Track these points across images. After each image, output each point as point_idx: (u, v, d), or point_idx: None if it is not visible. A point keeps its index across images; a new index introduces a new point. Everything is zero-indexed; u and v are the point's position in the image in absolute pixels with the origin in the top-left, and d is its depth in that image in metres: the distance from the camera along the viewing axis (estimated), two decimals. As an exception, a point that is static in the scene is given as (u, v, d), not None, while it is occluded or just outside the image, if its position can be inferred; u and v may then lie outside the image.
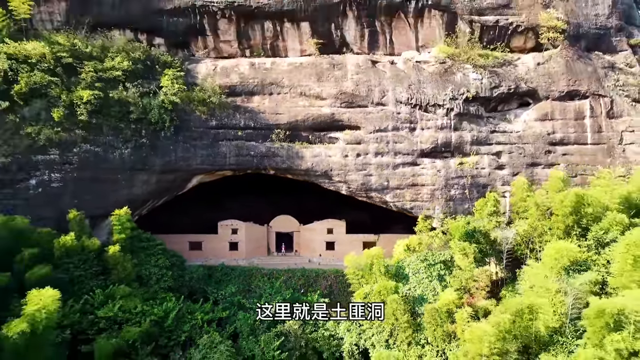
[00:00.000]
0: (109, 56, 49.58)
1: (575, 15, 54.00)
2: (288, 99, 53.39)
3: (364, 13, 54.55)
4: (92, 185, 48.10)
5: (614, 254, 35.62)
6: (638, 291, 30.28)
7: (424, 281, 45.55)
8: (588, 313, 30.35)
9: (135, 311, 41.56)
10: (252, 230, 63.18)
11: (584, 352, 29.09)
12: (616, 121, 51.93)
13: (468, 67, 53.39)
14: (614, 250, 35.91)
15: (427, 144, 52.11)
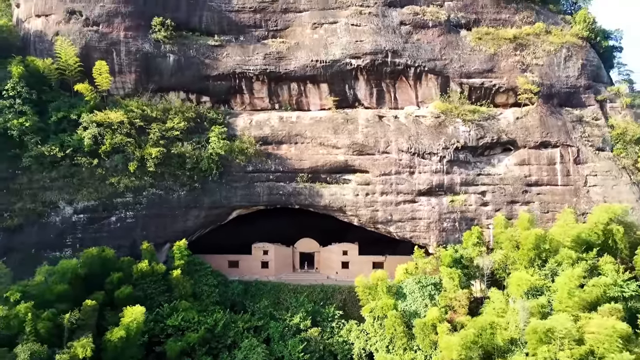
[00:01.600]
0: (169, 117, 62.97)
1: (549, 77, 64.61)
2: (310, 148, 65.78)
3: (372, 77, 66.58)
4: (156, 219, 61.58)
5: (558, 284, 46.60)
6: (563, 315, 41.31)
7: (418, 299, 57.12)
8: (527, 330, 41.65)
9: (194, 321, 54.54)
10: (280, 251, 75.61)
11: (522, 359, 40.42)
12: (582, 167, 62.37)
13: (458, 121, 64.62)
14: (558, 281, 46.87)
15: (424, 185, 63.62)
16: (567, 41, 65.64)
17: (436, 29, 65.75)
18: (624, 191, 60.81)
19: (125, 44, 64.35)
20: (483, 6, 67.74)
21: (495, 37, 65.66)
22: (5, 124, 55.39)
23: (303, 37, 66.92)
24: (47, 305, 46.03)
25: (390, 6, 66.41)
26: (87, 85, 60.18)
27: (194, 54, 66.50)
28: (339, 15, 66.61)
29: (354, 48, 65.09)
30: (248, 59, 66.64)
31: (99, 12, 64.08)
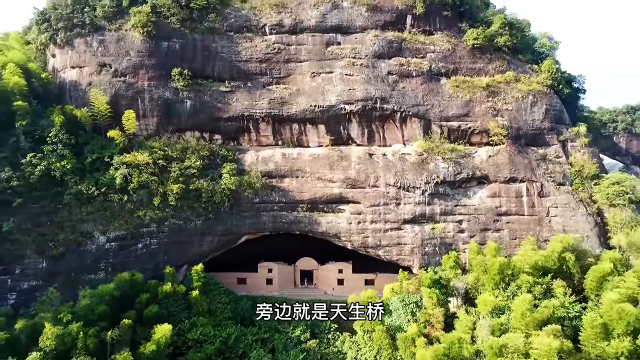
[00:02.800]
0: (187, 157, 72.59)
1: (517, 120, 74.20)
2: (309, 181, 75.41)
3: (364, 119, 76.25)
4: (176, 245, 71.23)
5: (514, 305, 56.08)
6: (517, 334, 50.84)
7: (402, 315, 66.63)
8: (486, 345, 51.21)
9: (210, 335, 64.07)
10: (283, 269, 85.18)
11: (481, 369, 49.96)
12: (545, 199, 71.94)
13: (439, 158, 74.20)
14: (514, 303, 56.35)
15: (408, 215, 73.19)
16: (534, 88, 75.22)
17: (419, 77, 75.38)
18: (580, 221, 70.38)
19: (148, 92, 74.09)
20: (460, 57, 77.28)
21: (470, 85, 75.24)
22: (49, 166, 64.89)
23: (303, 84, 76.56)
24: (91, 324, 55.56)
25: (379, 58, 75.97)
26: (117, 131, 69.80)
27: (208, 99, 76.21)
28: (335, 65, 76.28)
29: (347, 95, 74.79)
30: (255, 103, 76.33)
31: (126, 64, 73.82)
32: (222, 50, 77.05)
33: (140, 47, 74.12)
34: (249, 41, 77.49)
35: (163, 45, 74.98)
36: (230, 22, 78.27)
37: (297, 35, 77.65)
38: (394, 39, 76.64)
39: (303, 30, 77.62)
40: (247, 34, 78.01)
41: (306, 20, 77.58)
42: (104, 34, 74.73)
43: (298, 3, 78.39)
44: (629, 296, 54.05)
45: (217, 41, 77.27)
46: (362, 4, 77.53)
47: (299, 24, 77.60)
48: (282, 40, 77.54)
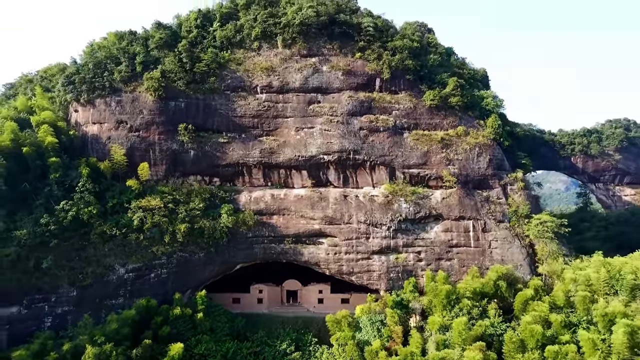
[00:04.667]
0: (191, 199, 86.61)
1: (466, 168, 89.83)
2: (294, 219, 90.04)
3: (340, 167, 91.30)
4: (182, 274, 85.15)
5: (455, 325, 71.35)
6: (453, 350, 66.12)
7: (369, 332, 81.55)
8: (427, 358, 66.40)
9: (212, 349, 78.12)
10: (271, 290, 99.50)
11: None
12: (487, 234, 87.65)
13: (402, 200, 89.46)
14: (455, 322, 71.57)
15: (376, 247, 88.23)
16: (480, 141, 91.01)
17: (386, 132, 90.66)
18: (515, 252, 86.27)
19: (158, 145, 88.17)
20: (420, 114, 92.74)
21: (428, 138, 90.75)
22: (78, 211, 78.45)
23: (289, 137, 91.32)
24: (118, 343, 69.40)
25: (352, 115, 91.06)
26: (134, 180, 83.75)
27: (208, 149, 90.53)
28: (315, 122, 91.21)
29: (326, 147, 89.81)
30: (248, 153, 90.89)
31: (140, 121, 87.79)
32: (220, 107, 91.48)
33: (152, 106, 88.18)
34: (243, 99, 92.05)
35: (171, 104, 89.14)
36: (227, 83, 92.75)
37: (284, 95, 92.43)
38: (365, 99, 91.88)
39: (289, 91, 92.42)
40: (242, 93, 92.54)
41: (292, 82, 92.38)
42: (121, 95, 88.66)
43: (285, 67, 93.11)
44: (541, 317, 69.88)
45: (216, 99, 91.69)
46: (339, 69, 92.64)
47: (286, 85, 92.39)
48: (271, 98, 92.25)
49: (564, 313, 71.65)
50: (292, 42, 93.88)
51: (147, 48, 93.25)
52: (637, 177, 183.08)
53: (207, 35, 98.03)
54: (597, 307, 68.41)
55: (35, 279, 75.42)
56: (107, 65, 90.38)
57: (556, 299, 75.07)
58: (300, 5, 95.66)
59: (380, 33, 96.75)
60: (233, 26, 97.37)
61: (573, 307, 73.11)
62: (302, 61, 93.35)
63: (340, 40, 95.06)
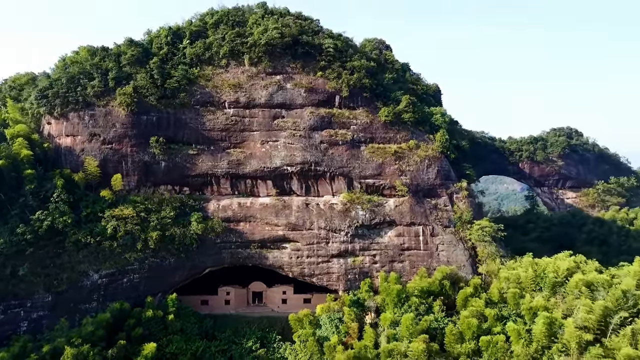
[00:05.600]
0: (162, 208, 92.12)
1: (416, 179, 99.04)
2: (259, 225, 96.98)
3: (302, 177, 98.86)
4: (154, 279, 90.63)
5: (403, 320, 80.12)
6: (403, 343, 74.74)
7: (328, 328, 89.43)
8: (381, 349, 74.89)
9: (183, 349, 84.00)
10: (238, 291, 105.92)
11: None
12: (435, 238, 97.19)
13: (359, 207, 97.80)
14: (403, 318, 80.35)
15: (335, 251, 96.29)
16: (429, 154, 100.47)
17: (344, 145, 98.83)
18: (459, 254, 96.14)
19: (131, 156, 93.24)
20: (376, 128, 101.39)
21: (383, 151, 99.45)
22: (53, 221, 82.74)
23: (255, 150, 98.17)
24: (93, 345, 74.50)
25: (313, 130, 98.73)
26: (107, 190, 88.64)
27: (179, 160, 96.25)
28: (279, 135, 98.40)
29: (289, 159, 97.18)
30: (217, 164, 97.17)
31: (113, 134, 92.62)
32: (190, 121, 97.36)
33: (125, 120, 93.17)
34: (212, 114, 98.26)
35: (143, 118, 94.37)
36: (197, 98, 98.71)
37: (251, 110, 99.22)
38: (325, 114, 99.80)
39: (255, 106, 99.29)
40: (211, 107, 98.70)
41: (258, 98, 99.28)
42: (94, 109, 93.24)
43: (251, 84, 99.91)
44: (477, 312, 79.57)
45: (186, 113, 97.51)
46: (302, 87, 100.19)
47: (252, 101, 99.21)
48: (238, 113, 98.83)
49: (497, 308, 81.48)
50: (258, 61, 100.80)
51: (119, 64, 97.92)
52: (578, 182, 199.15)
53: (177, 52, 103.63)
54: (524, 302, 78.55)
55: (12, 285, 79.44)
56: (80, 80, 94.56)
57: (492, 296, 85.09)
58: (266, 27, 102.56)
59: (340, 53, 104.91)
60: (202, 44, 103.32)
61: (505, 302, 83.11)
62: (267, 79, 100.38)
63: (303, 59, 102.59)
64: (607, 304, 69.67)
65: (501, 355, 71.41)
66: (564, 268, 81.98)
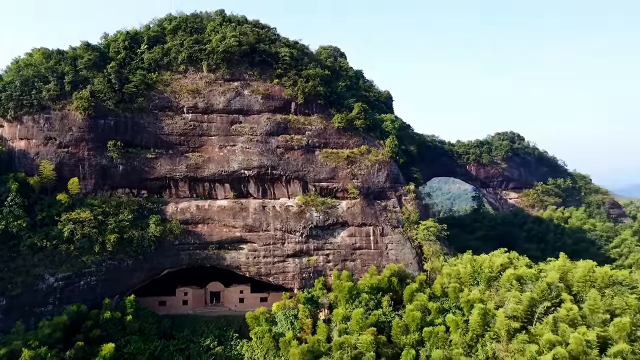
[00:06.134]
0: (120, 211, 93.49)
1: (367, 182, 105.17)
2: (217, 227, 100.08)
3: (259, 180, 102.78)
4: (111, 281, 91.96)
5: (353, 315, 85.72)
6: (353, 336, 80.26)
7: (284, 325, 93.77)
8: (333, 342, 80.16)
9: (141, 349, 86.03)
10: (196, 291, 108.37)
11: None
12: (384, 238, 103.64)
13: (313, 209, 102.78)
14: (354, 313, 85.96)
15: (291, 251, 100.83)
16: (380, 159, 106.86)
17: (300, 150, 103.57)
18: (407, 253, 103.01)
19: (88, 160, 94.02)
20: (330, 134, 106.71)
21: (336, 156, 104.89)
22: (7, 225, 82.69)
23: (213, 154, 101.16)
24: (51, 347, 75.53)
25: (270, 135, 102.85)
26: (63, 194, 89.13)
27: (137, 164, 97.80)
28: (237, 140, 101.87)
29: (246, 163, 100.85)
30: (175, 168, 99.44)
31: (69, 138, 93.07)
32: (148, 125, 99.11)
33: (81, 124, 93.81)
34: (171, 118, 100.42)
35: (100, 122, 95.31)
36: (155, 103, 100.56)
37: (209, 115, 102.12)
38: (281, 120, 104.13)
39: (213, 112, 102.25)
40: (169, 112, 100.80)
41: (216, 104, 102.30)
42: (50, 113, 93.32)
43: (209, 90, 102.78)
44: (422, 305, 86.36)
45: (144, 118, 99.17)
46: (259, 93, 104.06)
47: (210, 106, 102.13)
48: (196, 118, 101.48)
49: (439, 301, 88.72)
50: (217, 68, 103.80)
51: (75, 68, 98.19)
52: (520, 183, 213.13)
53: (135, 56, 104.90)
54: (463, 295, 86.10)
55: (-35, 290, 78.93)
56: (35, 83, 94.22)
57: (435, 290, 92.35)
58: (224, 34, 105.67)
59: (295, 61, 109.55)
60: (160, 49, 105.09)
61: (447, 296, 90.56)
62: (225, 85, 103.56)
63: (260, 67, 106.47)
64: (533, 295, 78.05)
65: (441, 344, 78.19)
66: (498, 264, 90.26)
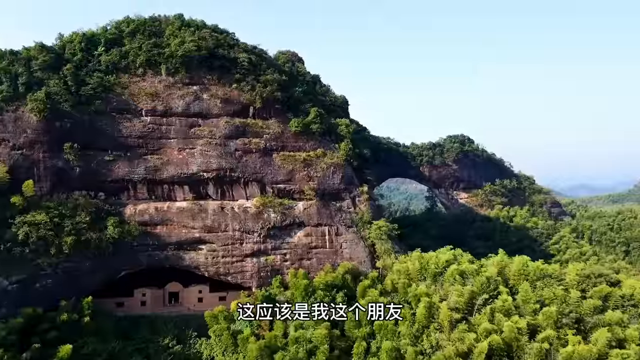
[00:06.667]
0: (77, 213, 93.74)
1: (323, 184, 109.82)
2: (176, 228, 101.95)
3: (218, 182, 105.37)
4: (68, 283, 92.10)
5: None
6: (308, 331, 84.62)
7: (243, 322, 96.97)
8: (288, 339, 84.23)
9: (99, 349, 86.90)
10: (154, 292, 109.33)
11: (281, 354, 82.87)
12: (339, 237, 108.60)
13: (271, 210, 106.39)
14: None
15: (249, 251, 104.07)
16: (335, 161, 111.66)
17: (258, 153, 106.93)
18: (360, 251, 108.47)
19: (43, 162, 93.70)
20: (287, 138, 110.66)
21: (293, 159, 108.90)
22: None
23: (172, 156, 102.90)
24: (7, 349, 75.66)
25: (229, 138, 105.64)
26: (18, 197, 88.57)
27: (94, 166, 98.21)
28: (196, 143, 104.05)
29: (205, 166, 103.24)
30: (134, 170, 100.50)
31: (23, 140, 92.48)
32: (106, 127, 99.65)
33: (36, 126, 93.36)
34: (129, 121, 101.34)
35: (56, 124, 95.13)
36: (113, 105, 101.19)
37: (168, 118, 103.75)
38: (240, 124, 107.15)
39: (172, 115, 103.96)
40: (127, 115, 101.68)
41: (175, 107, 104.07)
42: (2, 114, 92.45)
43: (168, 94, 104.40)
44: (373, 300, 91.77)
45: (102, 120, 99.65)
46: (218, 98, 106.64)
47: (169, 109, 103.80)
48: (155, 121, 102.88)
49: (390, 296, 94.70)
50: (175, 71, 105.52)
51: (30, 69, 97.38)
52: (470, 184, 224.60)
53: (92, 58, 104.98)
54: (411, 290, 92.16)
55: None
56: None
57: (386, 286, 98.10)
58: (183, 39, 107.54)
59: (254, 67, 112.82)
60: (118, 52, 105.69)
61: (397, 291, 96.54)
62: (184, 89, 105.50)
63: (219, 71, 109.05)
64: (473, 289, 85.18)
65: (390, 336, 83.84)
66: (443, 260, 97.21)
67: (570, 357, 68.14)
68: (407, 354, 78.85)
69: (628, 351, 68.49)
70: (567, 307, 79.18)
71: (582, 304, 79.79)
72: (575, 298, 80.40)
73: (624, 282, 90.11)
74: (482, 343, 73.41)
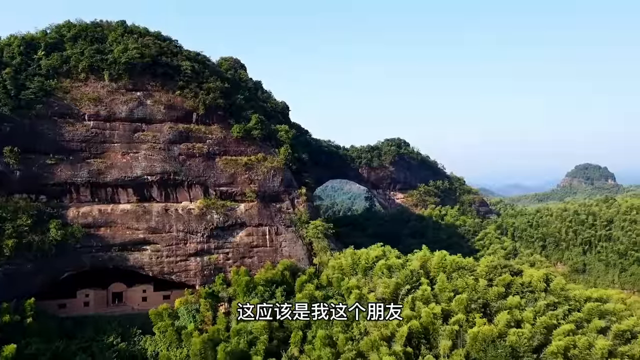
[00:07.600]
0: (18, 216, 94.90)
1: (264, 186, 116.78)
2: (121, 230, 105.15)
3: (162, 186, 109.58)
4: (9, 285, 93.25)
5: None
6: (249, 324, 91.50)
7: (187, 319, 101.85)
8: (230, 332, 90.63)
9: (43, 349, 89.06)
10: (98, 293, 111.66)
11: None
12: (279, 236, 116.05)
13: (214, 211, 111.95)
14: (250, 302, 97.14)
15: (193, 250, 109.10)
16: (275, 165, 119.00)
17: (201, 157, 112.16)
18: (299, 249, 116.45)
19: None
20: (229, 143, 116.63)
21: (235, 163, 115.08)
22: None
23: (116, 160, 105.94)
24: (-53, 351, 76.87)
25: (172, 143, 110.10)
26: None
27: (35, 170, 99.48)
28: (140, 147, 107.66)
29: (149, 170, 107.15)
30: (76, 173, 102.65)
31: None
32: (48, 131, 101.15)
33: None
34: (71, 125, 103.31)
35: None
36: (55, 110, 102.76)
37: (111, 123, 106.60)
38: (183, 129, 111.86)
39: (116, 120, 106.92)
40: (70, 119, 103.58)
41: (118, 113, 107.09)
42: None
43: (111, 99, 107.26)
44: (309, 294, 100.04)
45: (43, 124, 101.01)
46: (161, 104, 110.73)
47: (113, 114, 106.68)
48: (98, 126, 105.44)
49: (325, 290, 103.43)
50: (119, 77, 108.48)
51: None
52: (406, 185, 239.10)
53: (32, 62, 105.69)
54: (344, 284, 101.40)
55: None
56: None
57: (322, 281, 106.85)
58: (126, 45, 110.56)
59: (197, 75, 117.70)
60: (59, 56, 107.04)
61: (331, 285, 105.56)
62: (128, 94, 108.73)
63: (162, 78, 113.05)
64: (398, 281, 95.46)
65: (324, 325, 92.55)
66: (373, 256, 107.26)
67: (476, 336, 79.32)
68: (338, 340, 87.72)
69: (523, 330, 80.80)
70: (476, 294, 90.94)
71: (489, 291, 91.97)
72: (483, 286, 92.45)
73: (525, 271, 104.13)
74: (403, 327, 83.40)
